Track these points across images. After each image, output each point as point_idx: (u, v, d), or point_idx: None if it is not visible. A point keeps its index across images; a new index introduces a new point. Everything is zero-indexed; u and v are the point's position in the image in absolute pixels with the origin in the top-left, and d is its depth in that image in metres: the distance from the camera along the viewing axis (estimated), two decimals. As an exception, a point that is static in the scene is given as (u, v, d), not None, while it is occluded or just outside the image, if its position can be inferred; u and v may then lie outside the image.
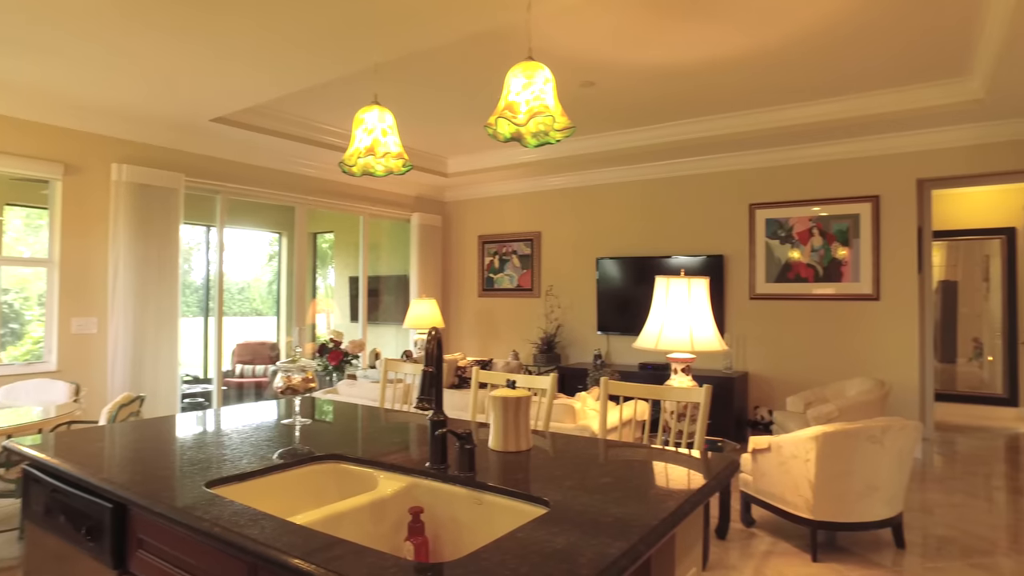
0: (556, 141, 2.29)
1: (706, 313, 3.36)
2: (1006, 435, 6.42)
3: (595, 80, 4.74)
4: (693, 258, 6.39)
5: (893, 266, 5.56)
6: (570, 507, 1.38)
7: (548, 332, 7.26)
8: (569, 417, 3.79)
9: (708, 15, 3.68)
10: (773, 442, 3.50)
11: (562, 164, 6.78)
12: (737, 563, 3.28)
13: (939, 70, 4.53)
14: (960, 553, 3.43)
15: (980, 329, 7.78)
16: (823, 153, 5.84)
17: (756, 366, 6.16)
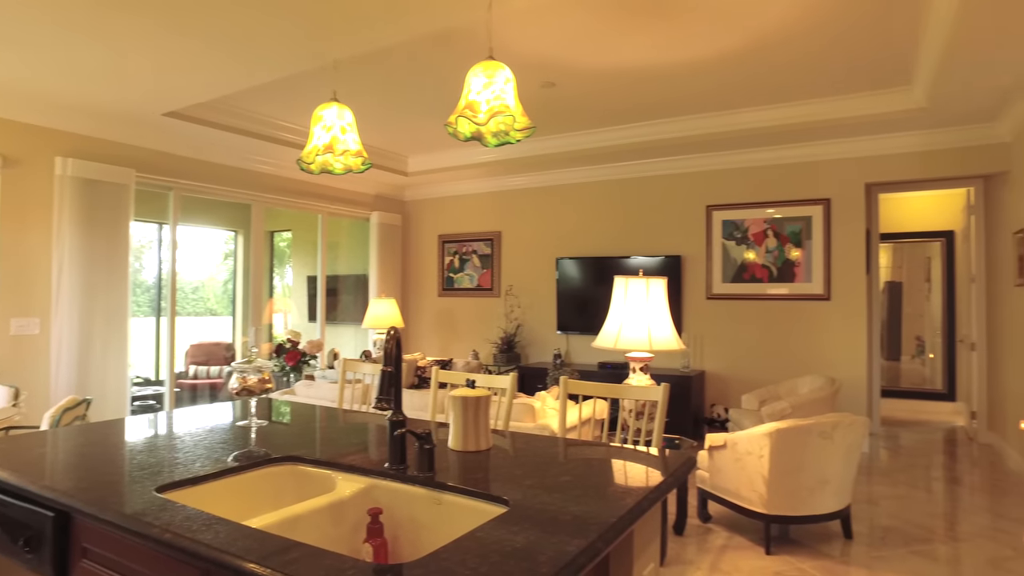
0: (516, 141, 2.29)
1: (664, 313, 3.41)
2: (944, 428, 6.70)
3: (556, 81, 4.77)
4: (651, 258, 6.49)
5: (843, 267, 5.75)
6: (530, 506, 1.39)
7: (508, 332, 7.28)
8: (529, 416, 3.81)
9: (666, 20, 3.74)
10: (729, 439, 3.58)
11: (522, 164, 6.80)
12: (694, 558, 3.34)
13: (885, 79, 4.70)
14: (902, 541, 3.56)
15: (922, 328, 8.10)
16: (777, 156, 5.99)
17: (713, 365, 6.29)
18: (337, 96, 4.46)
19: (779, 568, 3.22)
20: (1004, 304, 5.42)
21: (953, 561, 3.33)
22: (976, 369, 6.03)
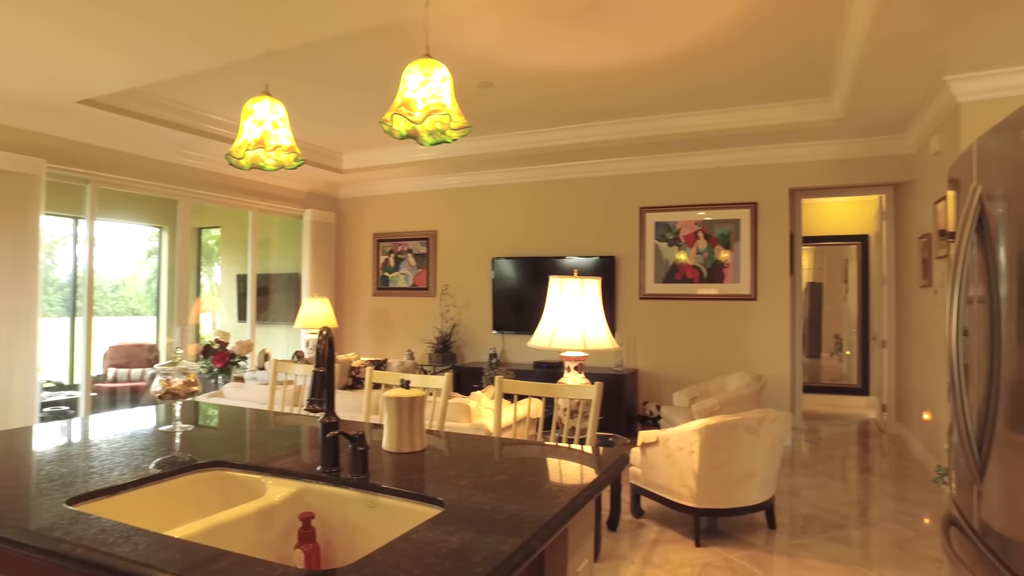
0: (453, 140, 2.29)
1: (598, 312, 3.47)
2: (859, 421, 7.08)
3: (493, 81, 4.78)
4: (586, 259, 6.59)
5: (768, 269, 5.99)
6: (465, 506, 1.39)
7: (444, 331, 7.25)
8: (464, 416, 3.80)
9: (601, 25, 3.81)
10: (661, 436, 3.67)
11: (459, 163, 6.78)
12: (627, 553, 3.42)
13: (808, 91, 4.93)
14: (820, 529, 3.75)
15: (840, 326, 8.55)
16: (708, 161, 6.19)
17: (646, 363, 6.44)
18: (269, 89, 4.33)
19: (708, 559, 3.33)
20: (911, 304, 5.78)
21: (864, 544, 3.53)
22: (887, 365, 6.40)
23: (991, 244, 1.65)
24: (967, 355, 1.82)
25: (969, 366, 1.81)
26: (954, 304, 1.73)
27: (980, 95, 4.12)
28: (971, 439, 1.74)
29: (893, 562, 3.31)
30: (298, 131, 6.17)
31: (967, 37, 3.53)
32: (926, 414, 5.15)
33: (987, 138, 1.69)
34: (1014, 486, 1.51)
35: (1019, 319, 1.49)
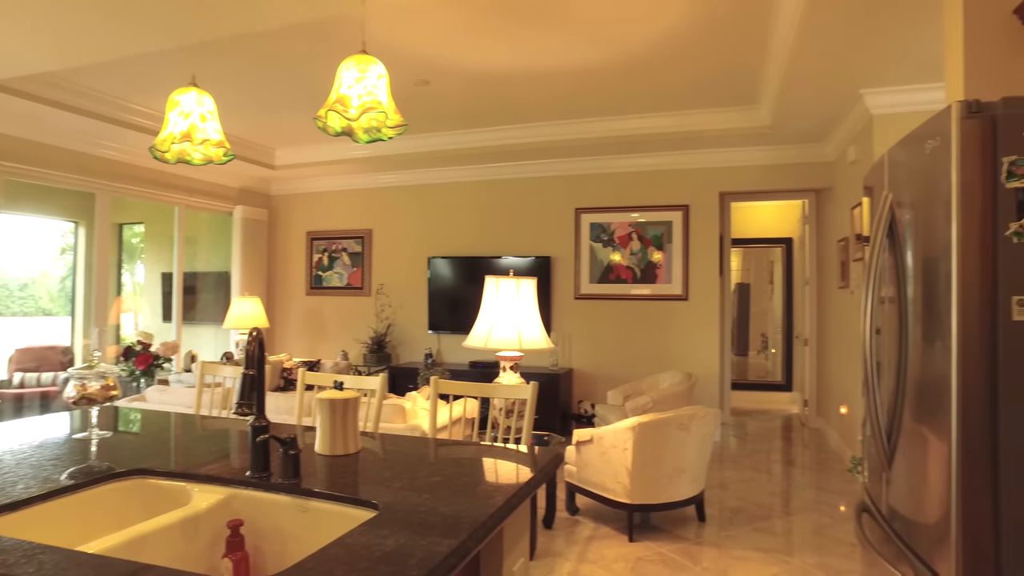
0: (388, 138, 2.26)
1: (534, 312, 3.50)
2: (783, 416, 7.40)
3: (430, 79, 4.75)
4: (522, 259, 6.63)
5: (699, 269, 6.18)
6: (400, 508, 1.37)
7: (379, 332, 7.15)
8: (399, 417, 3.77)
9: (539, 27, 3.84)
10: (595, 434, 3.73)
11: (395, 162, 6.71)
12: (563, 550, 3.46)
13: (737, 98, 5.11)
14: (747, 520, 3.90)
15: (766, 325, 8.91)
16: (642, 164, 6.33)
17: (580, 362, 6.54)
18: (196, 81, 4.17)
19: (641, 554, 3.41)
20: (830, 304, 6.08)
21: (787, 533, 3.69)
22: (808, 362, 6.71)
23: (900, 248, 1.75)
24: (879, 353, 1.93)
25: (881, 363, 1.92)
26: (867, 304, 1.83)
27: (891, 108, 4.37)
28: (882, 431, 1.84)
29: (812, 548, 3.48)
30: (228, 125, 5.96)
31: (879, 55, 3.75)
32: (843, 408, 5.43)
33: (897, 149, 1.80)
34: (917, 473, 1.61)
35: (924, 319, 1.59)
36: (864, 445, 2.10)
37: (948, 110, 1.47)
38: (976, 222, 1.41)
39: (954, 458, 1.43)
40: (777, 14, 3.63)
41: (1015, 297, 1.39)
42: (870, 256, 1.85)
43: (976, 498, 1.41)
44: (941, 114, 1.50)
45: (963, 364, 1.42)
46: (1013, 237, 1.39)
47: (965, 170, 1.42)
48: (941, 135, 1.49)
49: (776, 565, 3.27)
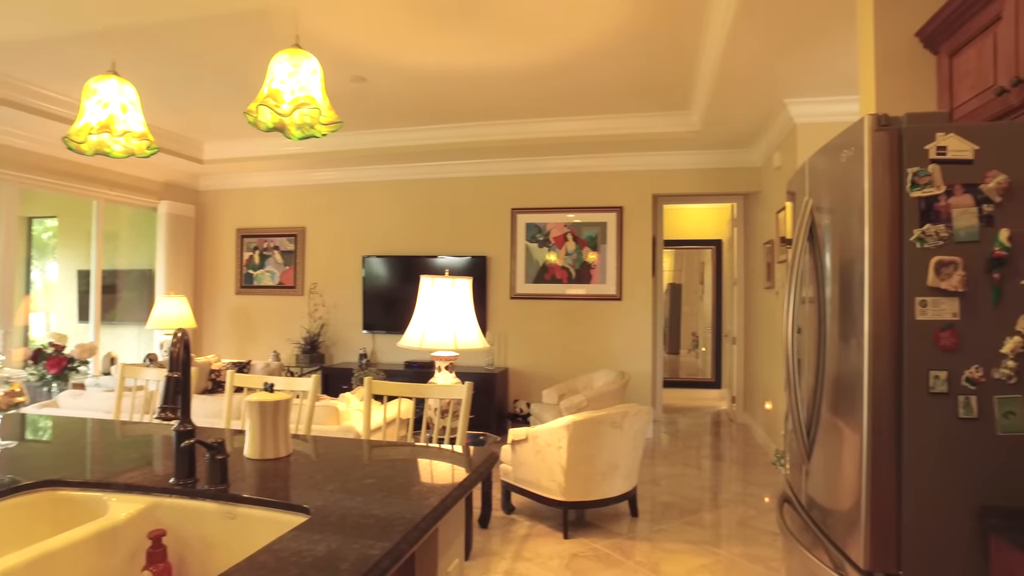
0: (322, 135, 2.22)
1: (469, 312, 3.50)
2: (712, 412, 7.66)
3: (366, 76, 4.68)
4: (458, 258, 6.62)
5: (633, 270, 6.32)
6: (332, 512, 1.35)
7: (312, 332, 6.99)
8: (333, 419, 3.70)
9: (478, 28, 3.84)
10: (530, 433, 3.77)
11: (329, 158, 6.57)
12: (499, 549, 3.47)
13: (670, 103, 5.25)
14: (678, 514, 4.02)
15: (697, 325, 9.19)
16: (578, 165, 6.43)
17: (516, 362, 6.58)
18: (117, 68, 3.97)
19: (576, 550, 3.46)
20: (757, 304, 6.33)
21: (715, 525, 3.82)
22: (736, 360, 6.96)
23: (819, 251, 1.85)
24: (800, 350, 2.03)
25: (802, 360, 2.01)
26: (790, 304, 1.92)
27: (813, 118, 4.59)
28: (802, 425, 1.94)
29: (738, 539, 3.62)
30: (153, 116, 5.70)
31: (801, 67, 3.93)
32: (768, 404, 5.66)
33: (817, 157, 1.90)
34: (833, 464, 1.70)
35: (840, 318, 1.68)
36: (786, 439, 2.20)
37: (861, 122, 1.55)
38: (885, 228, 1.50)
39: (865, 449, 1.51)
40: (707, 24, 3.76)
41: (918, 298, 1.48)
42: (792, 258, 1.94)
43: (883, 486, 1.50)
44: (855, 126, 1.59)
45: (874, 360, 1.51)
46: (916, 242, 1.49)
47: (876, 179, 1.51)
48: (855, 146, 1.58)
49: (705, 556, 3.39)
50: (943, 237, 1.47)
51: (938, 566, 1.48)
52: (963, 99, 2.10)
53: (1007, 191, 1.46)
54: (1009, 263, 1.45)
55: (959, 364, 1.47)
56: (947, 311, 1.47)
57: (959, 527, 1.47)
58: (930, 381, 1.48)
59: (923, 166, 1.49)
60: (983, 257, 1.46)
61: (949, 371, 1.47)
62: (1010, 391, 1.45)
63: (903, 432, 1.49)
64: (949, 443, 1.47)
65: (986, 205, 1.46)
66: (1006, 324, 1.45)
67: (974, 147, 1.47)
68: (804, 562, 1.91)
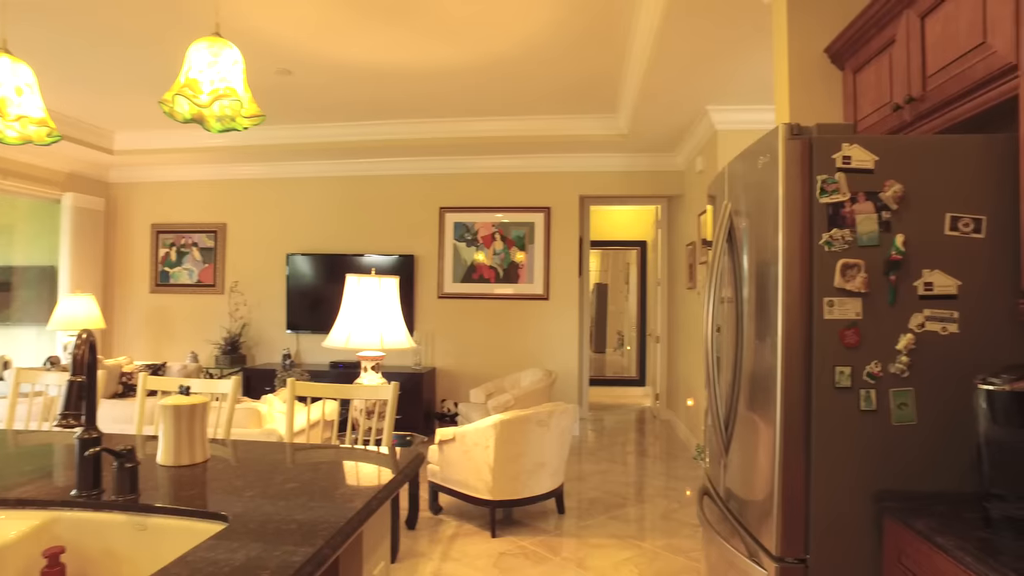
0: (244, 128, 2.14)
1: (396, 311, 3.46)
2: (637, 409, 7.86)
3: (292, 69, 4.54)
4: (385, 257, 6.53)
5: (560, 270, 6.41)
6: (252, 518, 1.30)
7: (233, 332, 6.73)
8: (254, 422, 3.57)
9: (408, 25, 3.79)
10: (458, 433, 3.76)
11: (253, 153, 6.35)
12: (426, 550, 3.45)
13: (597, 106, 5.36)
14: (603, 509, 4.10)
15: (622, 324, 9.41)
16: (507, 165, 6.46)
17: (444, 361, 6.54)
18: (8, 46, 3.70)
19: (504, 549, 3.47)
20: (680, 304, 6.54)
21: (639, 519, 3.93)
22: (660, 358, 7.17)
23: (738, 253, 1.93)
24: (719, 349, 2.11)
25: (721, 358, 2.09)
26: (710, 304, 1.99)
27: (732, 125, 4.79)
28: (720, 420, 2.01)
29: (661, 532, 3.73)
30: (55, 102, 5.33)
31: (723, 76, 4.09)
32: (689, 400, 5.86)
33: (735, 163, 1.98)
34: (748, 457, 1.78)
35: (756, 317, 1.76)
36: (706, 434, 2.29)
37: (776, 131, 1.63)
38: (797, 232, 1.59)
39: (777, 442, 1.59)
40: (635, 31, 3.85)
41: (825, 298, 1.57)
42: (712, 260, 2.01)
43: (793, 477, 1.58)
44: (770, 134, 1.67)
45: (786, 358, 1.59)
46: (825, 246, 1.57)
47: (788, 185, 1.59)
48: (770, 153, 1.66)
49: (629, 550, 3.47)
50: (848, 241, 1.57)
51: (840, 548, 1.57)
52: (865, 112, 2.24)
53: (902, 199, 1.56)
54: (904, 266, 1.56)
55: (861, 360, 1.56)
56: (851, 310, 1.57)
57: (859, 511, 1.56)
58: (836, 376, 1.57)
59: (831, 174, 1.58)
60: (882, 260, 1.56)
61: (852, 367, 1.56)
62: (903, 384, 1.56)
63: (812, 425, 1.58)
64: (851, 434, 1.57)
65: (884, 212, 1.56)
66: (901, 322, 1.56)
67: (874, 158, 1.57)
68: (722, 551, 1.99)
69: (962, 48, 1.71)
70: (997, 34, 1.57)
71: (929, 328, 1.55)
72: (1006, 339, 1.55)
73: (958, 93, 1.72)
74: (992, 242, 1.56)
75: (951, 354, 1.55)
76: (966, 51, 1.69)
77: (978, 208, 1.56)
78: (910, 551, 1.41)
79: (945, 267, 1.56)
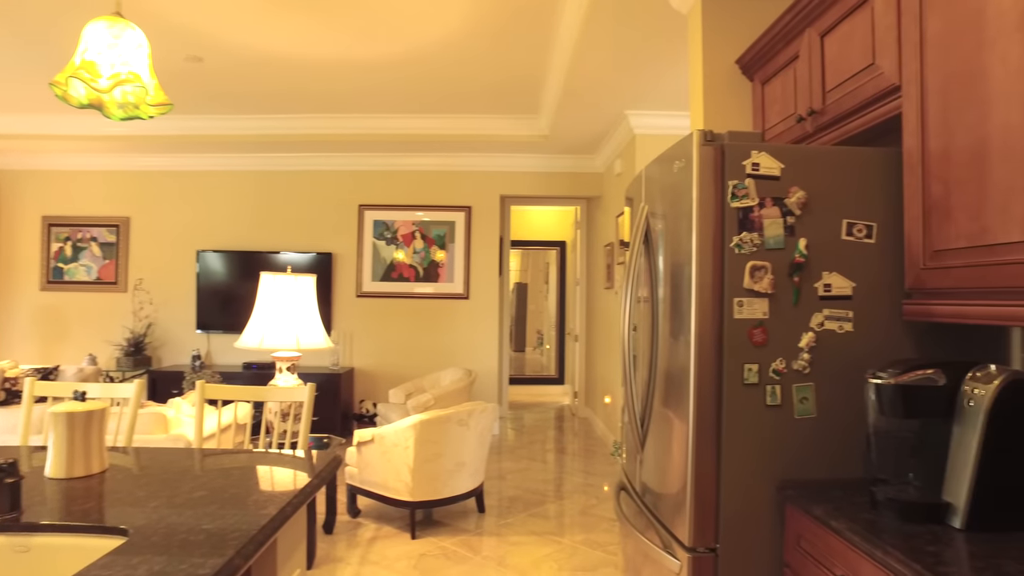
0: (149, 117, 2.02)
1: (313, 311, 3.37)
2: (556, 407, 7.99)
3: (203, 56, 4.33)
4: (302, 255, 6.34)
5: (480, 269, 6.42)
6: (155, 531, 1.23)
7: (137, 332, 6.35)
8: (160, 427, 3.38)
9: (327, 16, 3.69)
10: (377, 434, 3.69)
11: (160, 143, 6.00)
12: (344, 554, 3.37)
13: (519, 107, 5.39)
14: (524, 507, 4.14)
15: (542, 323, 9.53)
16: (428, 163, 6.40)
17: (362, 361, 6.42)
18: None
19: (424, 550, 3.44)
20: (598, 303, 6.69)
21: (559, 516, 3.99)
22: (578, 357, 7.31)
23: (654, 254, 1.99)
24: (636, 347, 2.17)
25: (637, 356, 2.15)
26: (626, 304, 2.05)
27: (650, 130, 4.94)
28: (636, 417, 2.07)
29: (580, 527, 3.80)
30: (-73, 80, 4.86)
31: (641, 82, 4.21)
32: (607, 398, 6.00)
33: (652, 166, 2.04)
34: (663, 452, 1.84)
35: (671, 317, 1.82)
36: (623, 430, 2.35)
37: (690, 137, 1.69)
38: (710, 234, 1.65)
39: (691, 437, 1.65)
40: (557, 34, 3.91)
41: (736, 298, 1.65)
42: (629, 260, 2.06)
43: (704, 470, 1.65)
44: (685, 140, 1.73)
45: (699, 356, 1.65)
46: (735, 248, 1.65)
47: (702, 189, 1.66)
48: (685, 158, 1.72)
49: (549, 546, 3.52)
50: (756, 244, 1.65)
51: (747, 536, 1.65)
52: (773, 122, 2.37)
53: (805, 205, 1.66)
54: (806, 268, 1.66)
55: (767, 357, 1.65)
56: (759, 310, 1.65)
57: (764, 500, 1.65)
58: (744, 373, 1.64)
59: (741, 179, 1.65)
60: (787, 262, 1.65)
61: (760, 364, 1.64)
62: (804, 380, 1.65)
63: (722, 420, 1.65)
64: (758, 428, 1.65)
65: (789, 217, 1.66)
66: (803, 321, 1.66)
67: (781, 165, 1.66)
68: (638, 544, 2.05)
69: (855, 67, 1.83)
70: (884, 57, 1.69)
71: (828, 327, 1.66)
72: (893, 336, 1.67)
73: (852, 108, 1.84)
74: (881, 247, 1.68)
75: (846, 351, 1.66)
76: (859, 70, 1.81)
77: (870, 215, 1.68)
78: (808, 535, 1.50)
79: (842, 270, 1.67)
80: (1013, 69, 1.27)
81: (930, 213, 1.51)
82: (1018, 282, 1.25)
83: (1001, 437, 1.29)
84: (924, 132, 1.53)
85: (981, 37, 1.35)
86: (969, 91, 1.38)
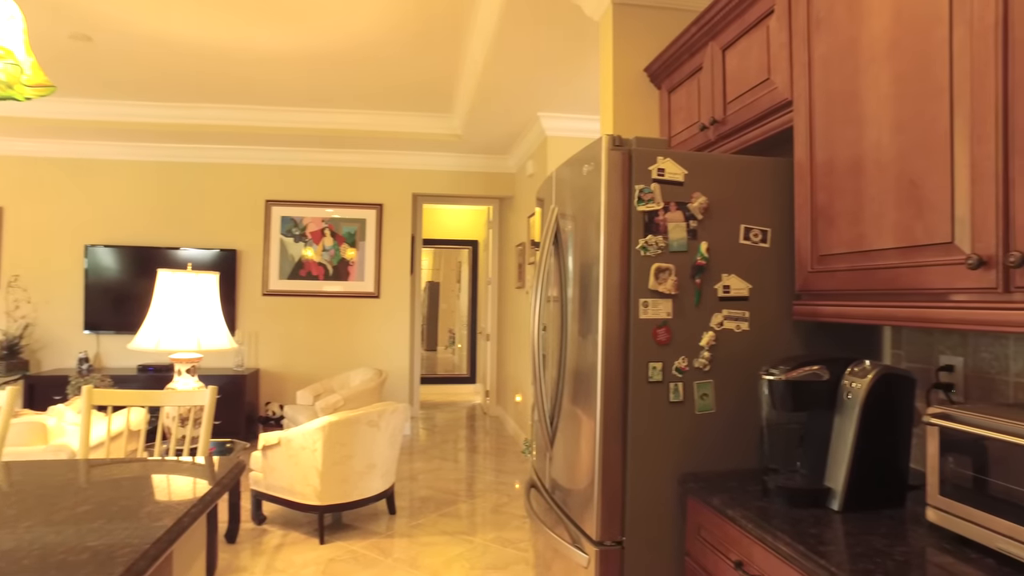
0: (26, 99, 1.85)
1: (215, 310, 3.21)
2: (468, 406, 8.00)
3: (92, 35, 4.03)
4: (204, 251, 6.03)
5: (391, 268, 6.32)
6: (27, 553, 1.14)
7: (11, 334, 5.83)
8: (38, 438, 3.12)
9: (232, 2, 3.53)
10: (283, 437, 3.57)
11: (40, 127, 5.53)
12: (248, 563, 3.23)
13: (433, 105, 5.35)
14: (435, 507, 4.12)
15: (454, 322, 9.51)
16: (338, 159, 6.24)
17: (269, 362, 6.19)
18: None
19: (333, 555, 3.35)
20: (509, 303, 6.75)
21: (470, 515, 4.00)
22: (490, 356, 7.35)
23: (563, 255, 2.03)
24: (546, 346, 2.20)
25: (547, 355, 2.19)
26: (537, 303, 2.08)
27: (561, 132, 5.03)
28: (546, 415, 2.11)
29: (492, 525, 3.82)
30: None
31: (553, 85, 4.28)
32: (518, 396, 6.06)
33: (563, 169, 2.08)
34: (572, 449, 1.88)
35: (580, 316, 1.86)
36: (533, 428, 2.38)
37: (600, 141, 1.74)
38: (617, 236, 1.70)
39: (598, 434, 1.70)
40: (471, 34, 3.91)
41: (641, 299, 1.71)
42: (539, 261, 2.10)
43: (611, 465, 1.70)
44: (595, 144, 1.77)
45: (606, 355, 1.70)
46: (641, 250, 1.71)
47: (610, 192, 1.70)
48: (595, 161, 1.76)
49: (461, 545, 3.52)
50: (661, 247, 1.71)
51: (652, 528, 1.71)
52: (678, 130, 2.47)
53: (707, 210, 1.74)
54: (707, 270, 1.74)
55: (671, 356, 1.72)
56: (663, 311, 1.72)
57: (667, 494, 1.72)
58: (649, 371, 1.71)
59: (647, 184, 1.71)
60: (689, 265, 1.73)
61: (663, 362, 1.71)
62: (705, 377, 1.74)
63: (628, 417, 1.70)
64: (661, 424, 1.72)
65: (692, 221, 1.73)
66: (704, 321, 1.74)
67: (684, 171, 1.74)
68: (548, 540, 2.08)
69: (753, 81, 1.94)
70: (778, 73, 1.80)
71: (727, 326, 1.75)
72: (785, 335, 1.79)
73: (750, 120, 1.95)
74: (775, 251, 1.79)
75: (743, 349, 1.76)
76: (756, 84, 1.92)
77: (765, 221, 1.78)
78: (707, 525, 1.58)
79: (740, 272, 1.76)
80: (883, 94, 1.39)
81: (817, 220, 1.62)
82: (890, 285, 1.37)
83: (873, 425, 1.41)
84: (812, 145, 1.64)
85: (857, 62, 1.47)
86: (848, 110, 1.50)
